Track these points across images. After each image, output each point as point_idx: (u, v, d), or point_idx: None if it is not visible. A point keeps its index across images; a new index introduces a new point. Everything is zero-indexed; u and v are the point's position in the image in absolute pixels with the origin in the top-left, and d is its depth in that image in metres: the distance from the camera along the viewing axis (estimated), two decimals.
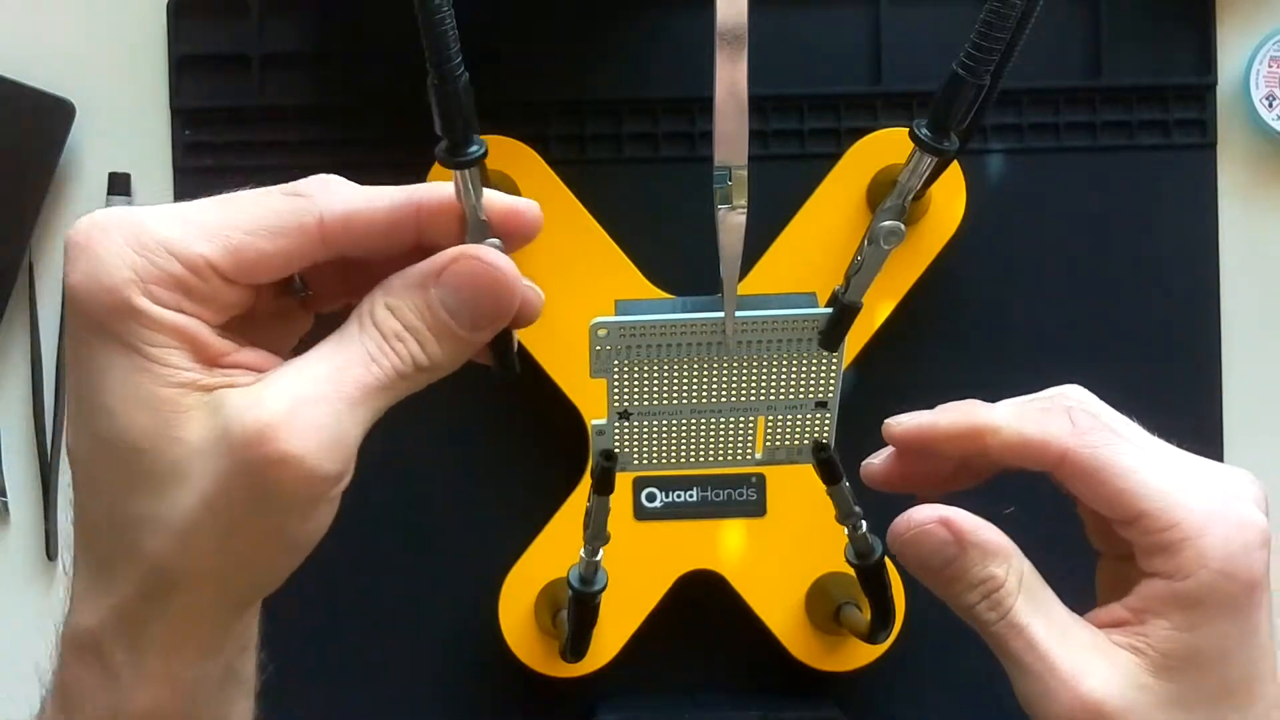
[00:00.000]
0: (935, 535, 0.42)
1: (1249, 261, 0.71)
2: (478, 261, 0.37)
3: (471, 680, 0.70)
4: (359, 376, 0.36)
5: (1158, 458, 0.41)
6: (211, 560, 0.36)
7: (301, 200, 0.36)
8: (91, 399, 0.36)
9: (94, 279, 0.35)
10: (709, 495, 0.67)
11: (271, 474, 0.34)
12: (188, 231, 0.35)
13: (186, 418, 0.35)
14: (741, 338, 0.39)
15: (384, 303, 0.37)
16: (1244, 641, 0.40)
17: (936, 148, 0.35)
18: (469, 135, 0.35)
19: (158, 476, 0.35)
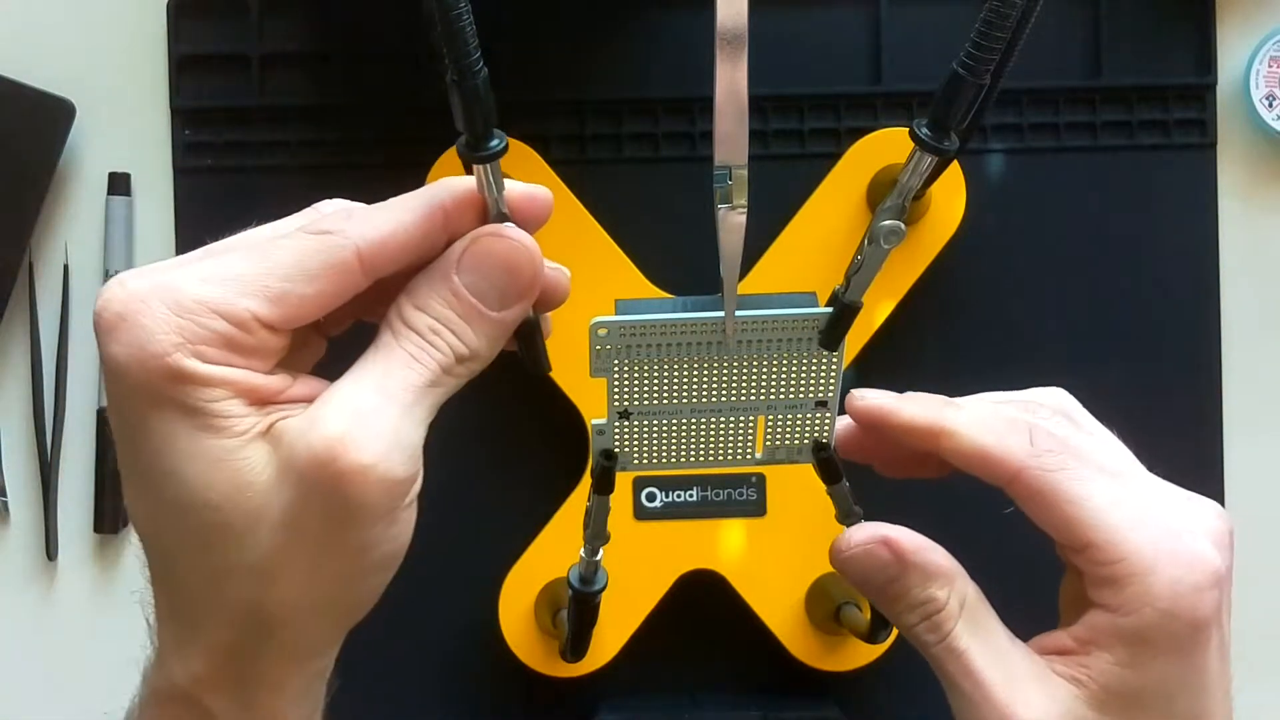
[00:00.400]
0: (876, 556, 0.42)
1: (1249, 261, 0.71)
2: (494, 238, 0.37)
3: (471, 680, 0.70)
4: (406, 379, 0.36)
5: (1115, 487, 0.41)
6: (303, 591, 0.36)
7: (333, 238, 0.36)
8: (153, 466, 0.36)
9: (140, 349, 0.35)
10: (709, 495, 0.67)
11: (344, 489, 0.35)
12: (226, 288, 0.35)
13: (252, 462, 0.35)
14: (741, 337, 0.39)
15: (410, 305, 0.37)
16: (1189, 682, 0.40)
17: (937, 147, 0.35)
18: (489, 130, 0.35)
19: (236, 528, 0.35)
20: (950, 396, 0.45)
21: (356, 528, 0.36)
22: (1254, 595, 0.71)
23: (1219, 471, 0.71)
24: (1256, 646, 0.70)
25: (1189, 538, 0.40)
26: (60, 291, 0.70)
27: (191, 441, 0.35)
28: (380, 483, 0.35)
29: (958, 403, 0.43)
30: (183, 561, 0.37)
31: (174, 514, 0.36)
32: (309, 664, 0.39)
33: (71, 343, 0.70)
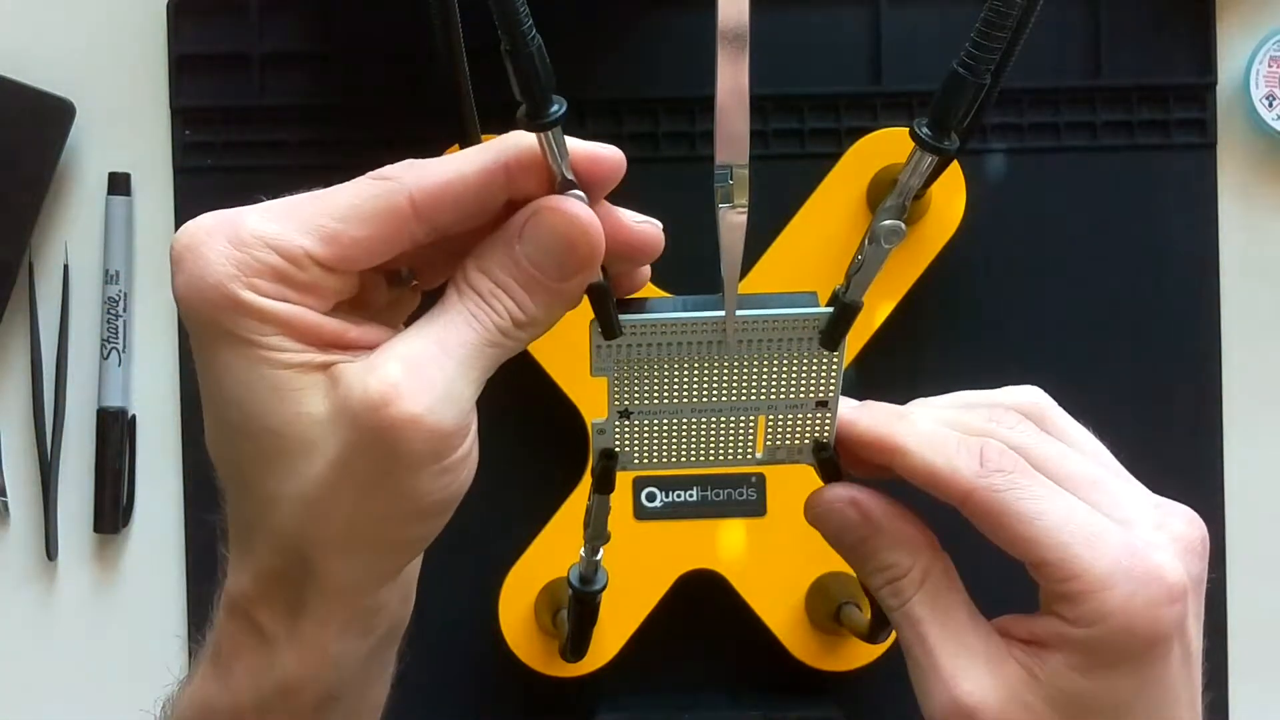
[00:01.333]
0: (843, 515, 0.43)
1: (1249, 261, 0.71)
2: (554, 211, 0.37)
3: (471, 680, 0.70)
4: (463, 335, 0.37)
5: (1069, 503, 0.40)
6: (345, 528, 0.37)
7: (389, 183, 0.37)
8: (217, 393, 0.37)
9: (199, 280, 0.36)
10: (709, 495, 0.67)
11: (392, 434, 0.35)
12: (284, 225, 0.36)
13: (308, 394, 0.36)
14: (742, 337, 0.39)
15: (474, 266, 0.37)
16: (1145, 694, 0.39)
17: (937, 147, 0.35)
18: (548, 97, 0.35)
19: (288, 453, 0.36)
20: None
21: (403, 473, 0.36)
22: (1254, 595, 0.71)
23: (1219, 471, 0.71)
24: (1257, 646, 0.70)
25: (1148, 551, 0.39)
26: (60, 291, 0.70)
27: (246, 368, 0.36)
28: (429, 432, 0.35)
29: (911, 415, 0.43)
30: (241, 484, 0.38)
31: (235, 437, 0.37)
32: (353, 600, 0.39)
33: (71, 343, 0.70)
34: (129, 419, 0.70)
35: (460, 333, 0.37)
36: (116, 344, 0.70)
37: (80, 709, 0.71)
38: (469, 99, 0.57)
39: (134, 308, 0.71)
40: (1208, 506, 0.70)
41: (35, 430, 0.70)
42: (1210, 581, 0.43)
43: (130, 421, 0.70)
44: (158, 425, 0.71)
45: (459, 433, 0.36)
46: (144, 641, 0.70)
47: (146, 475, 0.71)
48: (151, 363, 0.71)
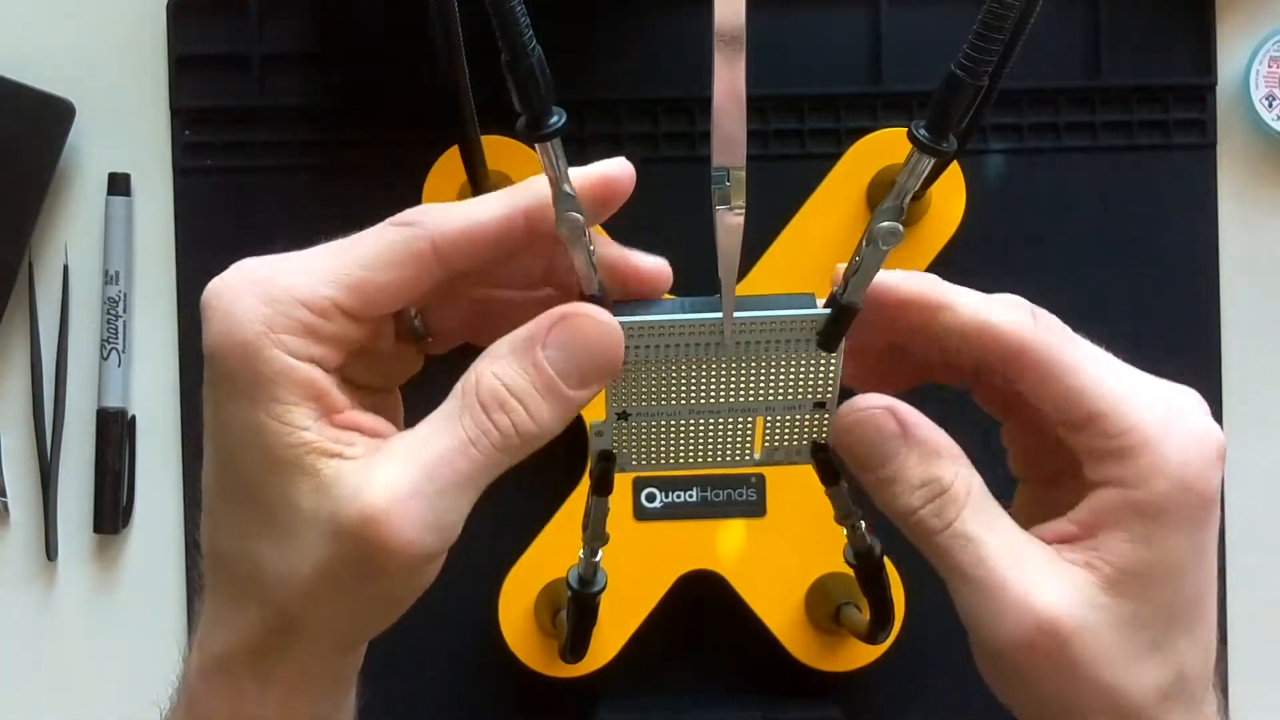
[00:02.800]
0: (881, 424, 0.40)
1: (1249, 261, 0.71)
2: (587, 319, 0.38)
3: (471, 680, 0.70)
4: (457, 468, 0.37)
5: (1115, 363, 0.40)
6: (326, 614, 0.38)
7: (412, 229, 0.38)
8: (224, 447, 0.38)
9: (228, 335, 0.37)
10: (709, 495, 0.67)
11: (376, 557, 0.36)
12: (312, 277, 0.37)
13: (301, 485, 0.36)
14: (740, 338, 0.39)
15: (489, 371, 0.37)
16: (1197, 559, 0.39)
17: (935, 149, 0.35)
18: (547, 108, 0.35)
19: (277, 530, 0.37)
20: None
21: (379, 582, 0.37)
22: (1254, 595, 0.71)
23: None
24: (1257, 646, 0.70)
25: (1192, 412, 0.39)
26: (60, 291, 0.70)
27: (255, 433, 0.36)
28: (410, 558, 0.36)
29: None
30: (233, 536, 0.38)
31: (233, 487, 0.38)
32: (322, 674, 0.40)
33: (71, 343, 0.70)
34: (129, 419, 0.70)
35: (455, 463, 0.37)
36: (116, 344, 0.70)
37: (80, 709, 0.71)
38: (469, 99, 0.57)
39: (134, 308, 0.71)
40: None
41: (35, 430, 0.70)
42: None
43: (130, 422, 0.70)
44: (158, 425, 0.71)
45: (442, 550, 0.38)
46: (144, 641, 0.70)
47: (146, 475, 0.71)
48: (151, 363, 0.71)
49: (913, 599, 0.64)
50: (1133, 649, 0.38)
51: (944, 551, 0.39)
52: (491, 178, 0.63)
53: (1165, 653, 0.39)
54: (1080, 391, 0.39)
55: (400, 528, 0.36)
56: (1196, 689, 0.40)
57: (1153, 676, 0.38)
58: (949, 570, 0.39)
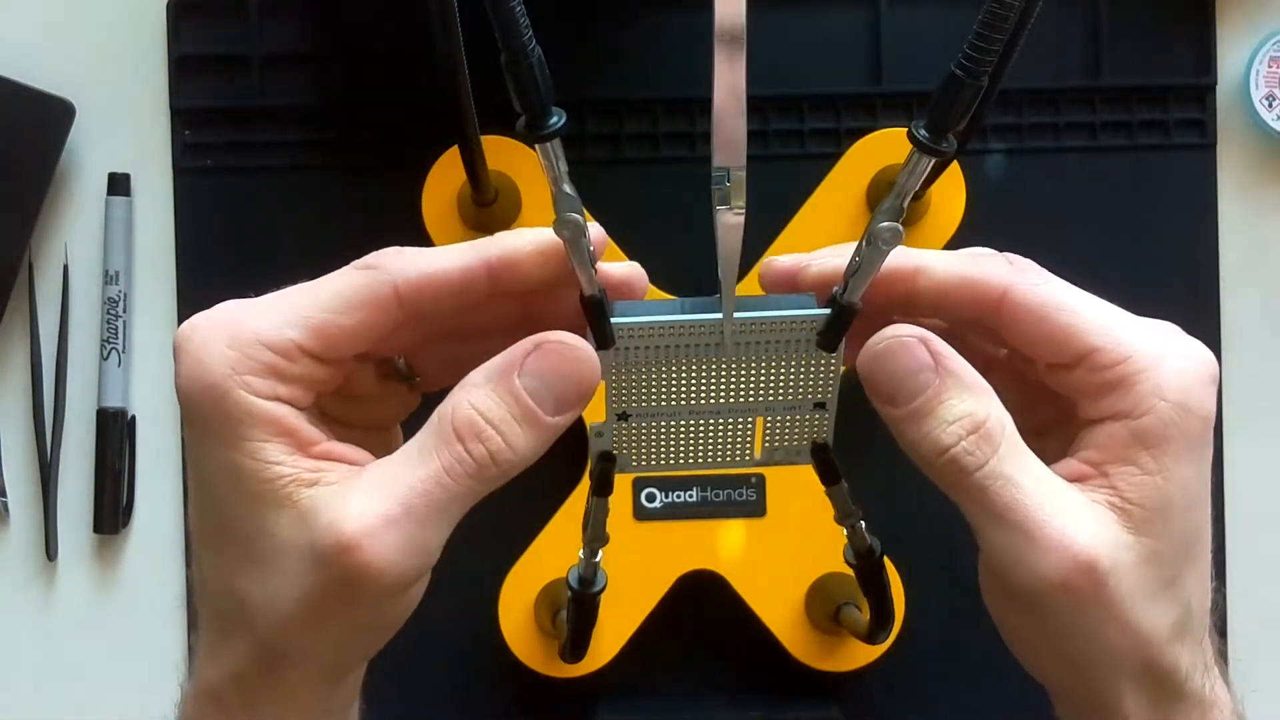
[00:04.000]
0: (914, 353, 0.38)
1: (1249, 261, 0.71)
2: (564, 347, 0.38)
3: (471, 680, 0.70)
4: (433, 496, 0.37)
5: (1095, 299, 0.40)
6: (310, 642, 0.39)
7: (374, 272, 0.38)
8: (202, 485, 0.39)
9: (195, 379, 0.37)
10: (709, 495, 0.67)
11: (354, 583, 0.36)
12: (276, 319, 0.38)
13: (279, 516, 0.37)
14: (740, 339, 0.39)
15: (466, 400, 0.38)
16: (1201, 488, 0.39)
17: (934, 149, 0.35)
18: (547, 108, 0.35)
19: (259, 562, 0.38)
20: None
21: (361, 608, 0.38)
22: (1254, 595, 0.71)
23: (1219, 471, 0.71)
24: (1257, 646, 0.70)
25: (1179, 336, 0.39)
26: (60, 291, 0.70)
27: (229, 472, 0.37)
28: (390, 583, 0.37)
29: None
30: (219, 575, 0.39)
31: (216, 530, 0.39)
32: (311, 702, 0.40)
33: (71, 343, 0.70)
34: (129, 419, 0.70)
35: (432, 492, 0.37)
36: (116, 344, 0.70)
37: (80, 709, 0.71)
38: (469, 99, 0.57)
39: (134, 308, 0.71)
40: None
41: (35, 430, 0.70)
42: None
43: (130, 422, 0.70)
44: (158, 425, 0.71)
45: (419, 575, 0.38)
46: (144, 641, 0.70)
47: (146, 475, 0.71)
48: (151, 363, 0.71)
49: (913, 599, 0.65)
50: (1152, 587, 0.38)
51: (979, 492, 0.37)
52: (491, 178, 0.63)
53: (1177, 589, 0.39)
54: (1070, 329, 0.39)
55: (376, 553, 0.36)
56: (1199, 624, 0.40)
57: (1167, 614, 0.38)
58: (983, 511, 0.38)
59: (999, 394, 0.43)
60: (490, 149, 0.61)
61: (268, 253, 0.69)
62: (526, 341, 0.38)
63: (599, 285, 0.38)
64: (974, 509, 0.38)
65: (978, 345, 0.43)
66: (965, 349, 0.43)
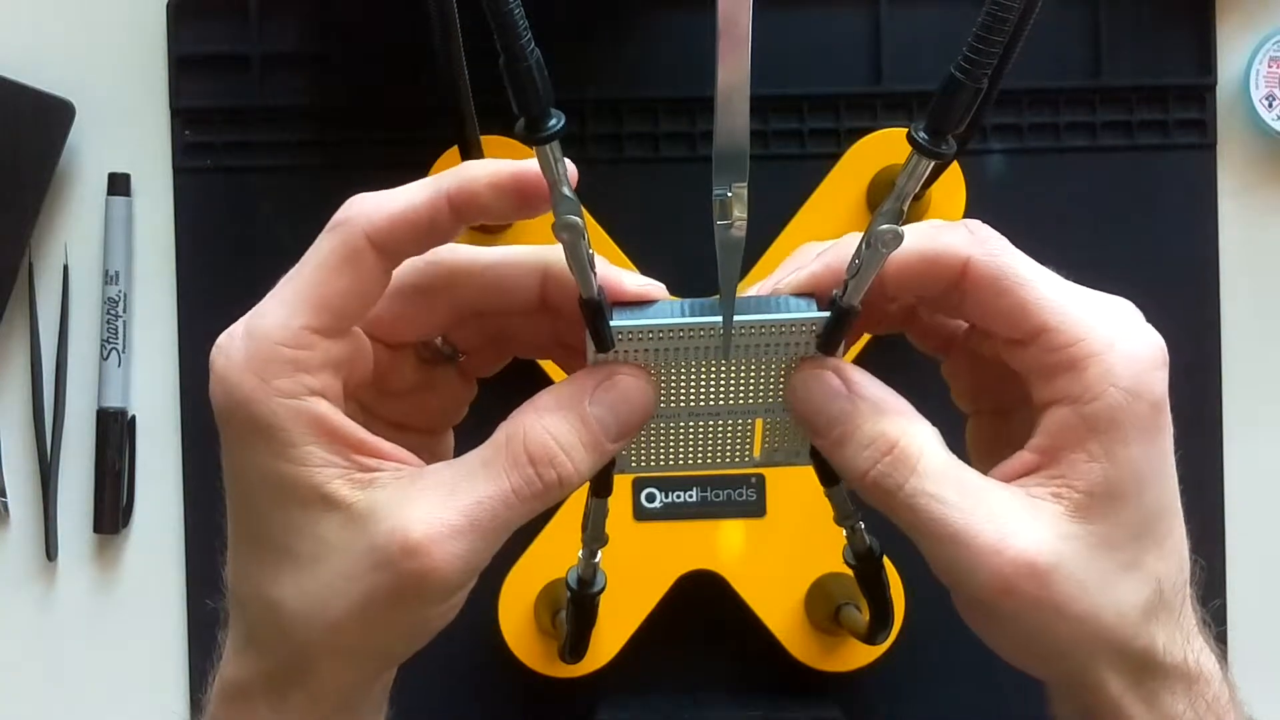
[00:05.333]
0: (828, 383, 0.39)
1: (1249, 261, 0.71)
2: (633, 381, 0.39)
3: (471, 680, 0.70)
4: (497, 514, 0.37)
5: (1053, 276, 0.40)
6: (351, 642, 0.38)
7: (342, 228, 0.38)
8: (245, 491, 0.39)
9: (229, 396, 0.37)
10: (708, 496, 0.67)
11: (415, 587, 0.37)
12: (278, 313, 0.38)
13: (329, 519, 0.37)
14: (740, 342, 0.39)
15: (539, 425, 0.38)
16: (1156, 469, 0.39)
17: (934, 151, 0.35)
18: (546, 110, 0.35)
19: (301, 566, 0.38)
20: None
21: (414, 612, 0.38)
22: (1254, 595, 0.71)
23: (1219, 471, 0.71)
24: (1257, 646, 0.70)
25: (1132, 319, 0.39)
26: (60, 291, 0.70)
27: (280, 479, 0.37)
28: (446, 588, 0.37)
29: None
30: (252, 582, 0.39)
31: (252, 542, 0.39)
32: (343, 702, 0.40)
33: (71, 343, 0.70)
34: (129, 419, 0.70)
35: (498, 512, 0.37)
36: (116, 344, 0.70)
37: (80, 709, 0.71)
38: (469, 99, 0.57)
39: (134, 308, 0.71)
40: (1208, 506, 0.70)
41: (35, 430, 0.70)
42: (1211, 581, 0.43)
43: (130, 422, 0.70)
44: (158, 425, 0.71)
45: (470, 583, 0.39)
46: (144, 641, 0.70)
47: (146, 475, 0.71)
48: (151, 363, 0.71)
49: (913, 599, 0.64)
50: (1109, 572, 0.38)
51: (907, 511, 0.38)
52: None
53: (1140, 570, 0.39)
54: (1029, 305, 0.39)
55: (440, 560, 0.36)
56: (1174, 600, 0.40)
57: (1133, 596, 0.39)
58: (914, 530, 0.38)
59: (957, 369, 0.44)
60: (490, 149, 0.61)
61: (268, 253, 0.69)
62: (596, 371, 0.39)
63: (598, 287, 0.38)
64: (907, 528, 0.39)
65: (934, 319, 0.44)
66: (923, 324, 0.44)
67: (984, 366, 0.43)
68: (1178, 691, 0.40)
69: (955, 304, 0.40)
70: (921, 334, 0.44)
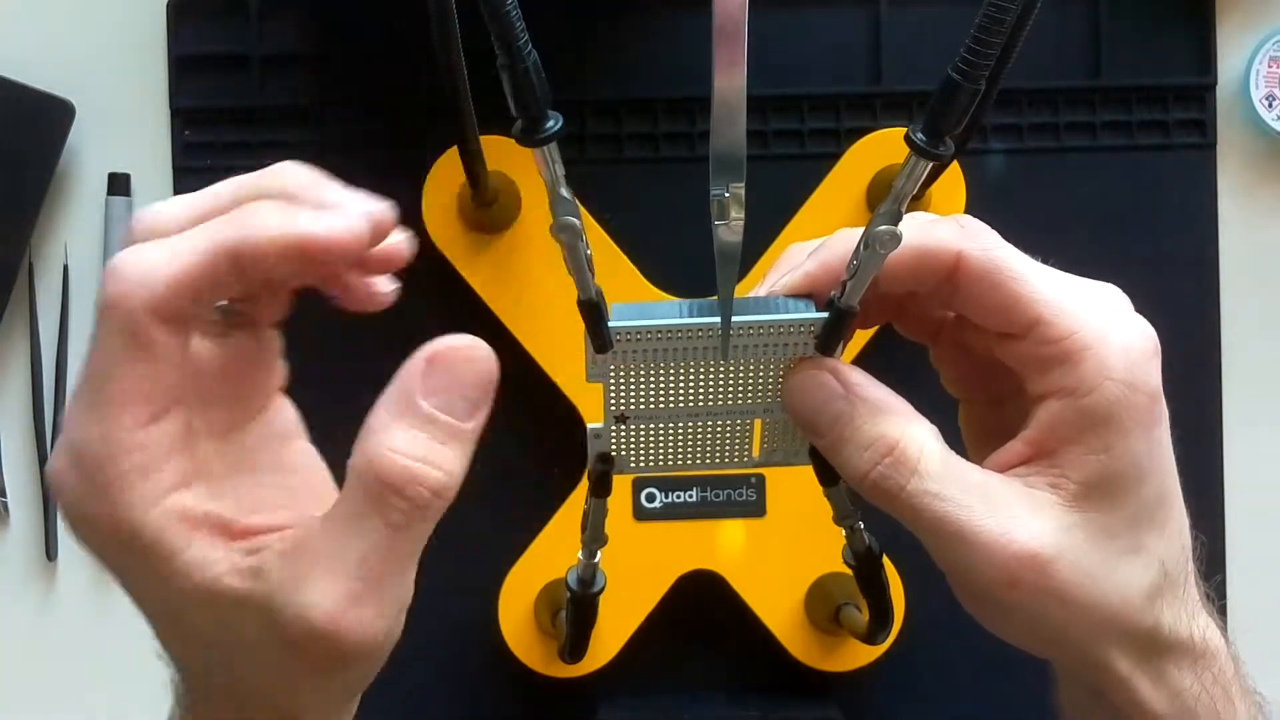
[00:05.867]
0: (826, 385, 0.39)
1: (1249, 261, 0.71)
2: (450, 351, 0.36)
3: (471, 680, 0.70)
4: (390, 559, 0.35)
5: (1044, 268, 0.40)
6: (302, 702, 0.38)
7: (114, 313, 0.35)
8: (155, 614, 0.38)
9: (90, 532, 0.35)
10: (708, 496, 0.67)
11: (339, 659, 0.35)
12: (93, 428, 0.35)
13: (238, 615, 0.35)
14: (738, 342, 0.39)
15: (384, 449, 0.35)
16: (1154, 457, 0.39)
17: (932, 153, 0.35)
18: (543, 112, 0.35)
19: (229, 655, 0.37)
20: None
21: (350, 673, 0.36)
22: (1254, 595, 0.71)
23: (1219, 471, 0.71)
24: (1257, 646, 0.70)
25: (1123, 310, 0.40)
26: (60, 291, 0.70)
27: (176, 596, 0.35)
28: (369, 651, 0.36)
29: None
30: (190, 668, 0.39)
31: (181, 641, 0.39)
32: None
33: (71, 343, 0.70)
34: None
35: (386, 555, 0.35)
36: None
37: (80, 709, 0.71)
38: (468, 99, 0.57)
39: None
40: (1208, 506, 0.70)
41: (35, 430, 0.70)
42: (1210, 580, 0.43)
43: None
44: None
45: (397, 628, 0.37)
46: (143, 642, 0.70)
47: None
48: None
49: (913, 599, 0.65)
50: (1110, 559, 0.38)
51: (910, 511, 0.38)
52: (491, 178, 0.63)
53: (1142, 554, 0.39)
54: (1022, 298, 0.39)
55: (353, 631, 0.35)
56: (1178, 579, 0.40)
57: (1137, 579, 0.39)
58: (918, 528, 0.39)
59: (945, 357, 0.44)
60: (490, 149, 0.61)
61: None
62: (414, 362, 0.36)
63: (596, 288, 0.38)
64: (910, 526, 0.39)
65: (921, 310, 0.44)
66: (911, 314, 0.43)
67: (972, 356, 0.43)
68: (1184, 667, 0.40)
69: (946, 298, 0.40)
70: (909, 323, 0.44)
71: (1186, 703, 0.40)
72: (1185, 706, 0.40)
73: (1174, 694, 0.40)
